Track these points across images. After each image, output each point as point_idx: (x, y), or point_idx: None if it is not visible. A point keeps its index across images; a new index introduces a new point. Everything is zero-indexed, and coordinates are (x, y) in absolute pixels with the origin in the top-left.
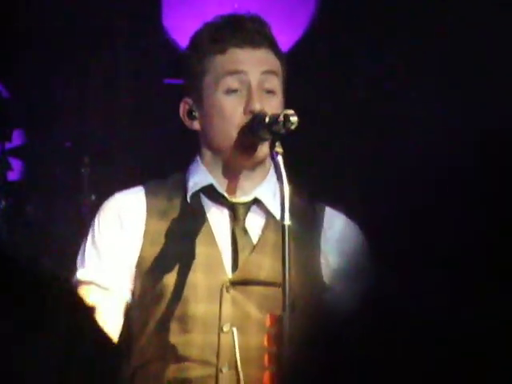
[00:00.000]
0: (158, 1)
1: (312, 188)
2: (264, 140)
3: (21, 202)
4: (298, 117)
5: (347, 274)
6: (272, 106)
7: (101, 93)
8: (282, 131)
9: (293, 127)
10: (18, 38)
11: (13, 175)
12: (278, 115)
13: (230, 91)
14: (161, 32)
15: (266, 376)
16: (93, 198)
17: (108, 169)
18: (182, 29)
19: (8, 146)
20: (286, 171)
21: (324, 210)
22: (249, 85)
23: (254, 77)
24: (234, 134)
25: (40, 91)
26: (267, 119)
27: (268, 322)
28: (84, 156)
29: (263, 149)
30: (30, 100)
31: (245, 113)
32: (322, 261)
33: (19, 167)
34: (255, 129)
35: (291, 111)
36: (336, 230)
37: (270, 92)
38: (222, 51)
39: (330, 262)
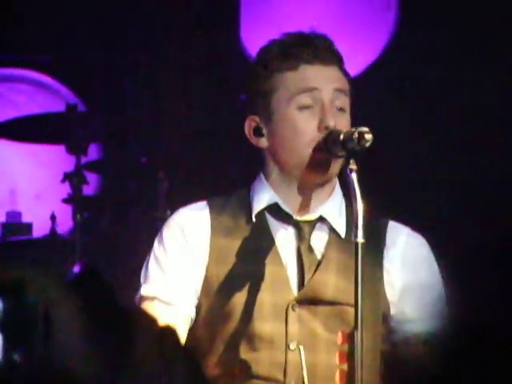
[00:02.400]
0: (237, 16)
1: (378, 203)
2: (338, 157)
3: (96, 216)
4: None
5: (413, 290)
6: (343, 123)
7: (177, 108)
8: (357, 148)
9: (367, 144)
10: (96, 52)
11: (88, 189)
12: (353, 132)
13: (303, 108)
14: (239, 48)
15: None
16: (168, 213)
17: (184, 184)
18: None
19: (84, 160)
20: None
21: (387, 225)
22: (322, 102)
23: (326, 94)
24: (306, 150)
25: (117, 105)
26: (342, 136)
27: (340, 340)
28: (159, 171)
29: (336, 166)
30: (107, 114)
31: (319, 129)
32: (386, 278)
33: (95, 181)
34: (330, 146)
35: (366, 129)
36: (398, 246)
37: (341, 110)
38: (293, 68)
39: (394, 280)
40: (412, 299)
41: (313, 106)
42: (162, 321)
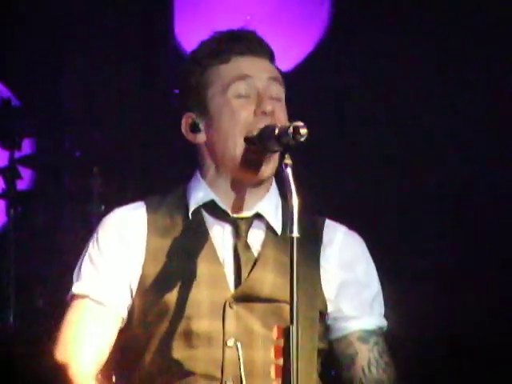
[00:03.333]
0: (170, 12)
1: (314, 201)
2: (273, 151)
3: (30, 211)
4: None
5: (349, 288)
6: (280, 111)
7: (111, 103)
8: (292, 143)
9: (302, 139)
10: (30, 46)
11: (22, 184)
12: (288, 127)
13: (240, 96)
14: (172, 43)
15: None
16: (102, 208)
17: (118, 179)
18: (193, 40)
19: (18, 154)
20: (295, 183)
21: (324, 223)
22: (257, 89)
23: (260, 82)
24: (240, 138)
25: (50, 100)
26: (277, 131)
27: (275, 335)
28: (93, 166)
29: (269, 167)
30: (41, 109)
31: (255, 113)
32: (323, 275)
33: (29, 176)
34: (265, 140)
35: (301, 123)
36: (335, 243)
37: (277, 99)
38: (226, 61)
39: (331, 278)
40: (349, 297)
41: (249, 95)
42: (93, 320)
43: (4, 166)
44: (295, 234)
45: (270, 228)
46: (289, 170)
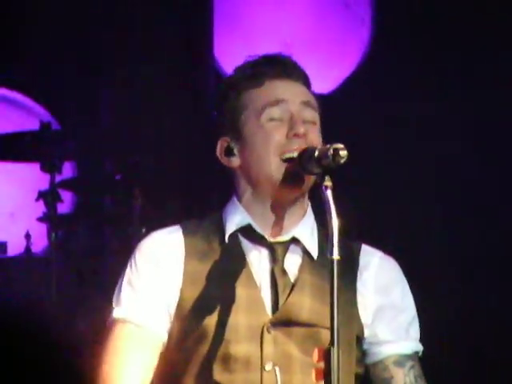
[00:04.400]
0: (210, 34)
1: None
2: (313, 174)
3: (71, 235)
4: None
5: (385, 313)
6: (313, 134)
7: (152, 125)
8: (332, 165)
9: (342, 161)
10: (70, 69)
11: (63, 207)
12: (328, 149)
13: (273, 119)
14: (213, 65)
15: None
16: (143, 230)
17: (158, 201)
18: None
19: (58, 178)
20: (335, 206)
21: (360, 248)
22: (290, 112)
23: (294, 105)
24: (276, 158)
25: (90, 123)
26: (317, 153)
27: (316, 357)
28: (134, 188)
29: (308, 181)
30: (80, 132)
31: (288, 136)
32: (359, 300)
33: (69, 199)
34: (304, 162)
35: (341, 145)
36: (371, 268)
37: (311, 122)
38: (259, 84)
39: (367, 302)
40: (385, 321)
41: (282, 118)
42: (134, 344)
43: (45, 189)
44: (335, 256)
45: (306, 252)
46: (329, 192)
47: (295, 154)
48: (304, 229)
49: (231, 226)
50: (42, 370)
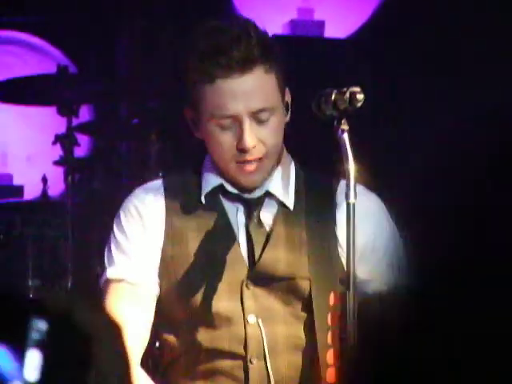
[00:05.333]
0: None
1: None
2: (329, 116)
3: (87, 178)
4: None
5: (364, 249)
6: (264, 135)
7: (170, 69)
8: (349, 108)
9: (359, 105)
10: (86, 12)
11: (80, 151)
12: (345, 92)
13: (223, 128)
14: (233, 11)
15: (331, 354)
16: (160, 174)
17: (175, 146)
18: (250, 6)
19: (75, 121)
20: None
21: (338, 185)
22: (240, 122)
23: (244, 118)
24: (228, 163)
25: (108, 67)
26: (333, 96)
27: (332, 301)
28: (151, 133)
29: (261, 174)
30: (98, 76)
31: (237, 148)
32: (340, 238)
33: (86, 143)
34: (321, 106)
35: (358, 88)
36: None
37: (263, 122)
38: (210, 81)
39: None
40: (364, 259)
41: (232, 126)
42: (131, 301)
43: (61, 133)
44: (352, 200)
45: (281, 204)
46: (345, 136)
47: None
48: (278, 181)
49: (206, 186)
50: (56, 314)
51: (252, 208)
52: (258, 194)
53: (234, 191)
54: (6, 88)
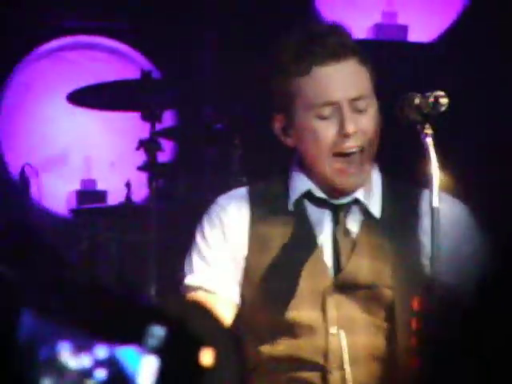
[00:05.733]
0: None
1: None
2: (413, 121)
3: (171, 183)
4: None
5: (453, 256)
6: (365, 123)
7: (251, 75)
8: (432, 113)
9: (443, 109)
10: (170, 17)
11: (163, 156)
12: (428, 96)
13: (322, 118)
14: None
15: (416, 361)
16: (244, 180)
17: (259, 151)
18: (332, 10)
19: (158, 126)
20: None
21: (422, 193)
22: (340, 111)
23: (344, 104)
24: (327, 157)
25: (191, 72)
26: (417, 100)
27: (415, 305)
28: (235, 138)
29: (360, 173)
30: (181, 80)
31: (338, 135)
32: (424, 247)
33: (170, 148)
34: (405, 109)
35: (441, 93)
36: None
37: (362, 111)
38: (306, 71)
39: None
40: (449, 266)
41: (331, 115)
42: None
43: (145, 138)
44: (435, 204)
45: (367, 212)
46: (429, 140)
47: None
48: (365, 188)
49: (294, 193)
50: (173, 320)
51: (339, 214)
52: (345, 200)
53: (323, 196)
54: (91, 93)
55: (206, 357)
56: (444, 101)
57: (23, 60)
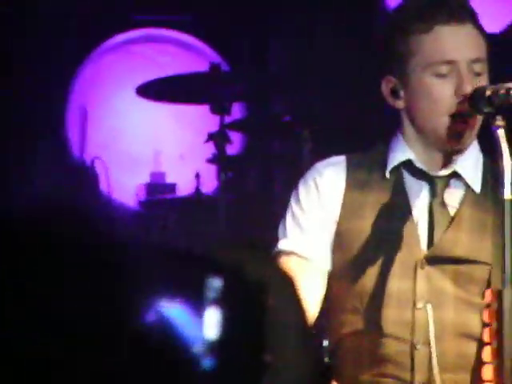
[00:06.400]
0: None
1: None
2: (483, 113)
3: (240, 176)
4: None
5: None
6: (482, 84)
7: (321, 66)
8: (504, 105)
9: None
10: (238, 10)
11: (232, 149)
12: (499, 88)
13: (440, 76)
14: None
15: (487, 351)
16: None
17: (327, 143)
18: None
19: (227, 119)
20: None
21: None
22: (458, 70)
23: (463, 64)
24: (442, 117)
25: (260, 64)
26: (488, 92)
27: (489, 298)
28: (303, 130)
29: (471, 136)
30: (250, 73)
31: (455, 95)
32: None
33: (239, 141)
34: (476, 102)
35: None
36: None
37: (478, 74)
38: (428, 30)
39: None
40: None
41: (449, 74)
42: (300, 275)
43: (214, 131)
44: (507, 196)
45: (468, 186)
46: (501, 132)
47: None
48: (466, 162)
49: (393, 161)
50: (231, 271)
51: (437, 187)
52: (444, 172)
53: (422, 167)
54: (159, 86)
55: (267, 305)
56: None
57: (91, 54)
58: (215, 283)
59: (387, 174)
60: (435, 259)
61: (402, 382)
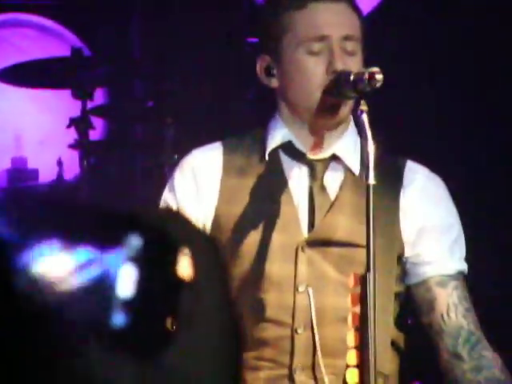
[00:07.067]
0: None
1: (394, 143)
2: (348, 98)
3: (103, 162)
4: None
5: (429, 232)
6: (352, 66)
7: (183, 52)
8: (367, 89)
9: (378, 85)
10: None
11: (95, 134)
12: (363, 73)
13: (312, 53)
14: None
15: (351, 336)
16: (175, 158)
17: (191, 129)
18: None
19: (90, 104)
20: (371, 129)
21: (405, 165)
22: (331, 47)
23: (335, 41)
24: (315, 93)
25: (122, 49)
26: (352, 77)
27: (352, 282)
28: (166, 116)
29: (345, 110)
30: (112, 58)
31: (327, 72)
32: (402, 218)
33: (101, 126)
34: (340, 87)
35: (376, 69)
36: (416, 186)
37: (351, 53)
38: (301, 7)
39: (410, 220)
40: (428, 241)
41: (321, 51)
42: None
43: (76, 116)
44: (371, 181)
45: (347, 170)
46: (364, 117)
47: (330, 79)
48: (345, 145)
49: (272, 143)
50: (151, 229)
51: (317, 170)
52: (324, 155)
53: (302, 149)
54: (20, 71)
55: (185, 265)
56: (379, 77)
57: None
58: (133, 240)
59: (266, 157)
60: (316, 242)
61: (279, 366)
